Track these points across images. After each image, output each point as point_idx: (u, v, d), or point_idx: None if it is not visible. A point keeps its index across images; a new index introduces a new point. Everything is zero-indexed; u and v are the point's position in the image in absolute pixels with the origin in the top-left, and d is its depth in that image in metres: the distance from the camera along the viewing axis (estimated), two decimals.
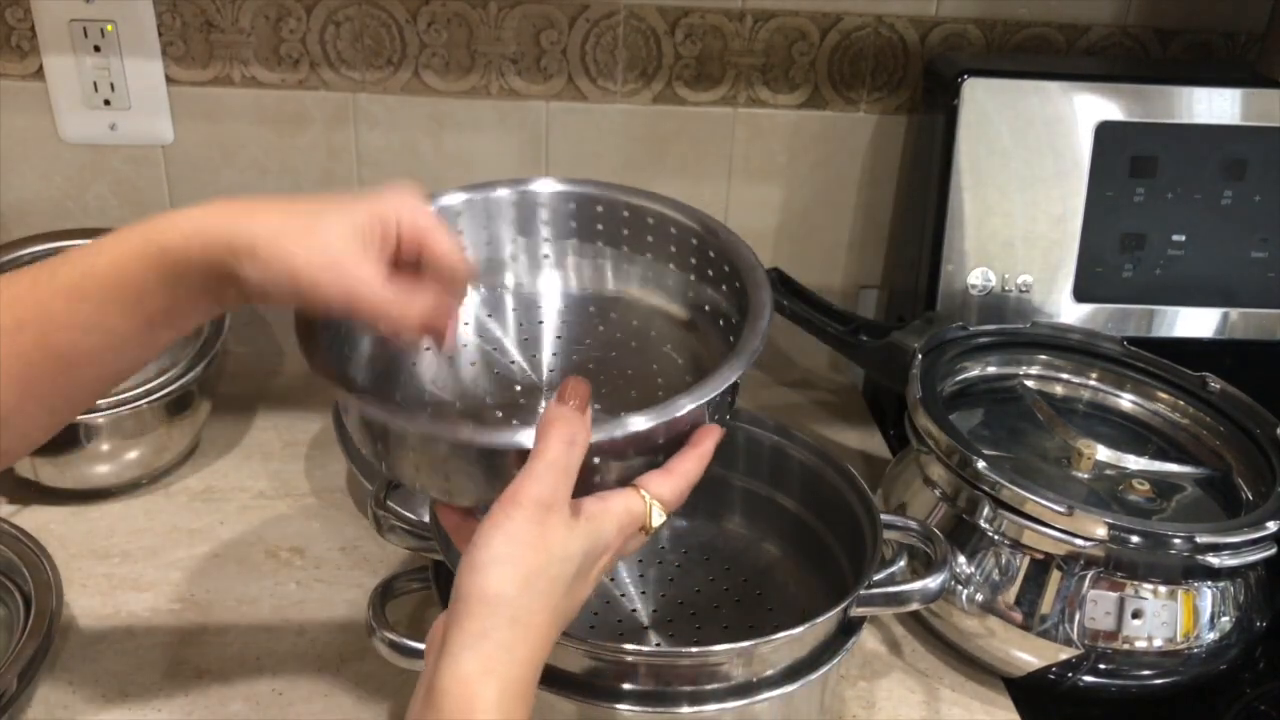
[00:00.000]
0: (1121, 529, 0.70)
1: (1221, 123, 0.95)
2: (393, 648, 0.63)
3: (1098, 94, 0.94)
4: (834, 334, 0.96)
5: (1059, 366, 0.90)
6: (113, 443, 0.88)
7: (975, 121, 0.94)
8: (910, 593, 0.66)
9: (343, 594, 0.82)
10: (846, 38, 1.03)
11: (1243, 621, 0.74)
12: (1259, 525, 0.71)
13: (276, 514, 0.90)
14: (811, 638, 0.64)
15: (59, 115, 1.00)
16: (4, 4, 0.96)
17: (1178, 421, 0.86)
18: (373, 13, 0.99)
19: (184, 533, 0.88)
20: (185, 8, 0.98)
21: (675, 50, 1.02)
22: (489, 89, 1.03)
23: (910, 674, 0.78)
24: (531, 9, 1.00)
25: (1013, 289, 0.97)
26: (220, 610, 0.80)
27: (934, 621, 0.79)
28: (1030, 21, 1.03)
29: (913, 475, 0.82)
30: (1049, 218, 0.96)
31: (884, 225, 1.11)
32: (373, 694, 0.74)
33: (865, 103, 1.06)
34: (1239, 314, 0.98)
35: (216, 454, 0.97)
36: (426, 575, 0.69)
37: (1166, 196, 0.96)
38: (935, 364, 0.85)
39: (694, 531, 0.82)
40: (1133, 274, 0.97)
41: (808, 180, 1.09)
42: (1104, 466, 0.80)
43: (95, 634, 0.78)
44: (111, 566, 0.84)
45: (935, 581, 0.66)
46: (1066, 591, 0.72)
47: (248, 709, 0.73)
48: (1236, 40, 1.05)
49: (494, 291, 0.72)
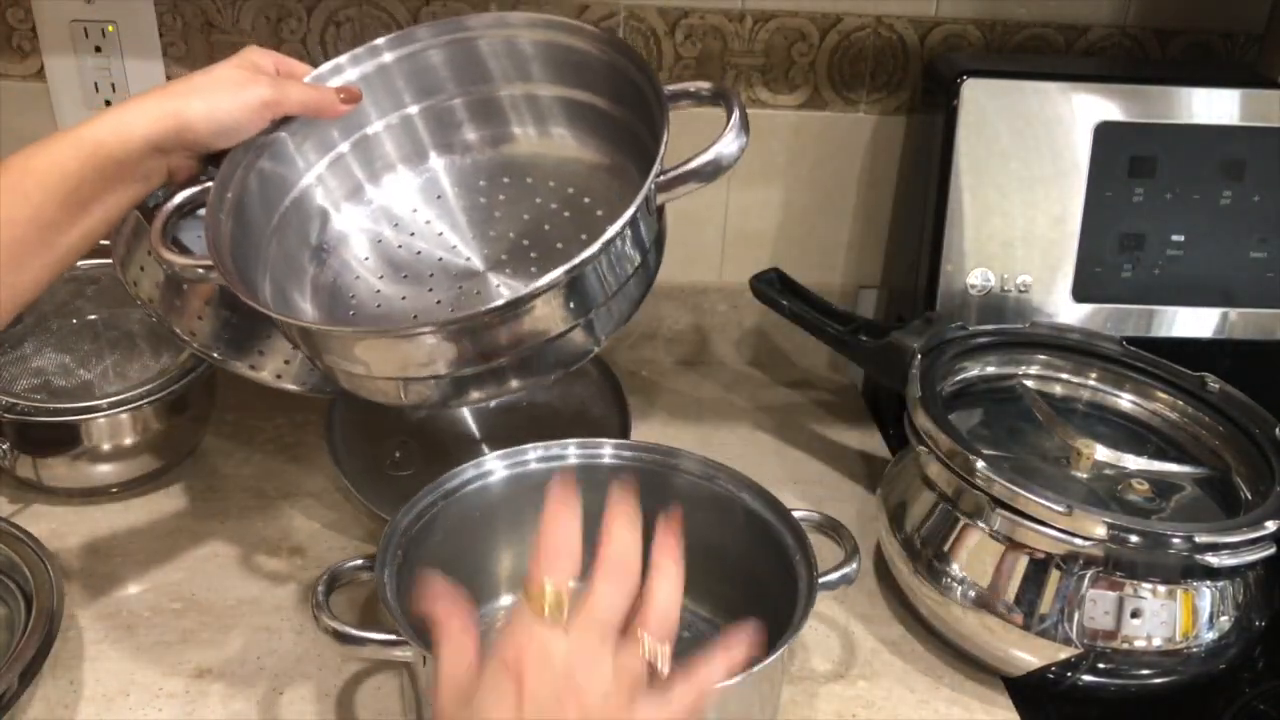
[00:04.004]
0: (1121, 529, 0.70)
1: (1220, 123, 0.95)
2: (336, 636, 0.65)
3: (1097, 94, 0.94)
4: (834, 334, 0.96)
5: (1058, 366, 0.90)
6: (113, 443, 0.88)
7: (975, 122, 0.94)
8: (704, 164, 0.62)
9: (343, 594, 0.82)
10: (846, 38, 1.03)
11: (1242, 621, 0.74)
12: (1258, 525, 0.71)
13: (276, 514, 0.90)
14: None
15: (60, 115, 1.00)
16: (5, 4, 0.97)
17: (1177, 421, 0.86)
18: (373, 14, 0.99)
19: (184, 533, 0.88)
20: (186, 8, 0.98)
21: (675, 51, 1.03)
22: None
23: (910, 674, 0.78)
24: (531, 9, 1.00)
25: (1012, 289, 0.97)
26: (220, 610, 0.80)
27: (934, 621, 0.79)
28: (1030, 22, 1.03)
29: (912, 475, 0.82)
30: (1048, 218, 0.96)
31: (883, 225, 1.11)
32: (373, 694, 0.74)
33: (865, 103, 1.06)
34: (1238, 314, 0.98)
35: (216, 454, 0.97)
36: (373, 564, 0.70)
37: (1165, 197, 0.96)
38: (935, 364, 0.85)
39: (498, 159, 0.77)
40: (1132, 274, 0.97)
41: (807, 180, 1.09)
42: (1103, 466, 0.80)
43: (95, 634, 0.78)
44: (111, 566, 0.84)
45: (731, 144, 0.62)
46: (1066, 591, 0.72)
47: (248, 709, 0.73)
48: (1236, 41, 1.05)
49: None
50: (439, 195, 0.75)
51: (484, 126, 0.76)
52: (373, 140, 0.75)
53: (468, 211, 0.74)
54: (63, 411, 0.86)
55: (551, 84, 0.74)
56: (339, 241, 0.74)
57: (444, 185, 0.76)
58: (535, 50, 0.73)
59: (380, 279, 0.71)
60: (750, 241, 1.11)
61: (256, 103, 0.65)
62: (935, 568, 0.77)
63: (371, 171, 0.76)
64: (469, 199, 0.75)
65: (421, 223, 0.74)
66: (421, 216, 0.74)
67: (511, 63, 0.74)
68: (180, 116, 0.63)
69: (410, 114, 0.76)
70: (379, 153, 0.76)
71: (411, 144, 0.76)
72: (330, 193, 0.74)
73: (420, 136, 0.77)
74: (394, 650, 0.64)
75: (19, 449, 0.86)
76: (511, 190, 0.74)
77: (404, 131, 0.76)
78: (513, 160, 0.76)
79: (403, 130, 0.76)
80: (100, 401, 0.86)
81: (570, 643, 0.47)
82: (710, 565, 0.73)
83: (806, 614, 0.67)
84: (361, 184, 0.76)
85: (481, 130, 0.76)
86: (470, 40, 0.74)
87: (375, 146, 0.76)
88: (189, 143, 0.64)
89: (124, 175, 0.62)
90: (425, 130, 0.76)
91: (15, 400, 0.86)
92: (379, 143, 0.76)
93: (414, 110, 0.76)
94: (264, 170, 0.69)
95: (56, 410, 0.86)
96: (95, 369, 0.95)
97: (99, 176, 0.61)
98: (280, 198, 0.71)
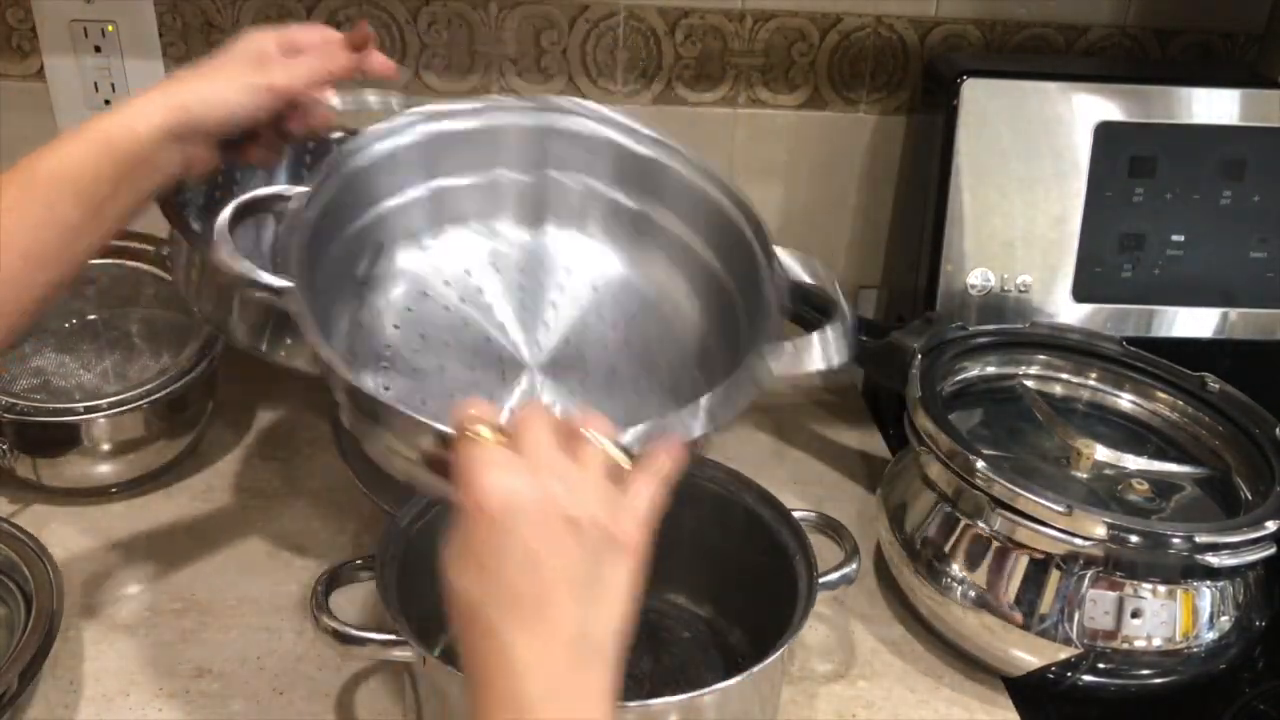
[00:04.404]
0: (1121, 529, 0.70)
1: (1220, 123, 0.95)
2: (336, 636, 0.64)
3: (1097, 94, 0.94)
4: None
5: (1058, 366, 0.90)
6: (113, 443, 0.88)
7: (975, 122, 0.94)
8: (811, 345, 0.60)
9: (343, 593, 0.82)
10: (846, 38, 1.03)
11: (1242, 621, 0.74)
12: (1258, 525, 0.71)
13: (276, 514, 0.90)
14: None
15: (60, 116, 1.00)
16: (5, 4, 0.97)
17: (1177, 421, 0.86)
18: (373, 13, 0.99)
19: (184, 533, 0.88)
20: (186, 8, 0.98)
21: (675, 51, 1.03)
22: (489, 89, 1.03)
23: (910, 674, 0.78)
24: (532, 10, 1.00)
25: (1012, 289, 0.97)
26: (220, 610, 0.80)
27: (934, 621, 0.79)
28: (1030, 22, 1.03)
29: (912, 475, 0.82)
30: (1048, 218, 0.96)
31: (884, 225, 1.11)
32: (373, 694, 0.74)
33: (865, 103, 1.06)
34: (1238, 314, 0.98)
35: (216, 454, 0.97)
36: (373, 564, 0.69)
37: (1165, 197, 0.96)
38: (935, 364, 0.85)
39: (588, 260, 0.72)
40: (1132, 274, 0.97)
41: (808, 180, 1.09)
42: (1103, 466, 0.80)
43: (95, 634, 0.78)
44: (111, 566, 0.84)
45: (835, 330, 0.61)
46: (1066, 591, 0.72)
47: (248, 709, 0.73)
48: (1236, 41, 1.05)
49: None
50: (498, 267, 0.70)
51: (575, 220, 0.71)
52: (453, 192, 0.70)
53: (524, 293, 0.69)
54: (63, 411, 0.86)
55: (674, 215, 0.70)
56: (386, 281, 0.68)
57: (509, 259, 0.70)
58: (673, 182, 0.69)
59: (421, 337, 0.66)
60: None
61: (261, 86, 0.65)
62: (935, 568, 0.77)
63: (439, 221, 0.70)
64: (529, 282, 0.70)
65: (473, 289, 0.69)
66: (475, 282, 0.69)
67: (643, 179, 0.70)
68: (187, 107, 0.63)
69: (504, 178, 0.70)
70: (455, 206, 0.70)
71: (491, 207, 0.71)
72: (391, 230, 0.69)
73: (504, 204, 0.71)
74: (394, 650, 0.64)
75: (19, 449, 0.86)
76: (575, 291, 0.70)
77: (489, 193, 0.71)
78: (586, 262, 0.71)
79: (488, 192, 0.71)
80: (100, 401, 0.86)
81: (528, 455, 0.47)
82: (710, 565, 0.73)
83: (806, 614, 0.66)
84: (425, 230, 0.70)
85: (570, 221, 0.71)
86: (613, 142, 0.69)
87: (453, 198, 0.70)
88: (198, 132, 0.64)
89: (138, 170, 0.62)
90: (513, 200, 0.71)
91: (15, 400, 0.86)
92: (459, 196, 0.70)
93: (510, 176, 0.70)
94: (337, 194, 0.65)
95: (56, 410, 0.86)
96: (95, 369, 0.95)
97: (114, 173, 0.61)
98: (345, 224, 0.67)
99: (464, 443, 0.48)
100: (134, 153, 0.61)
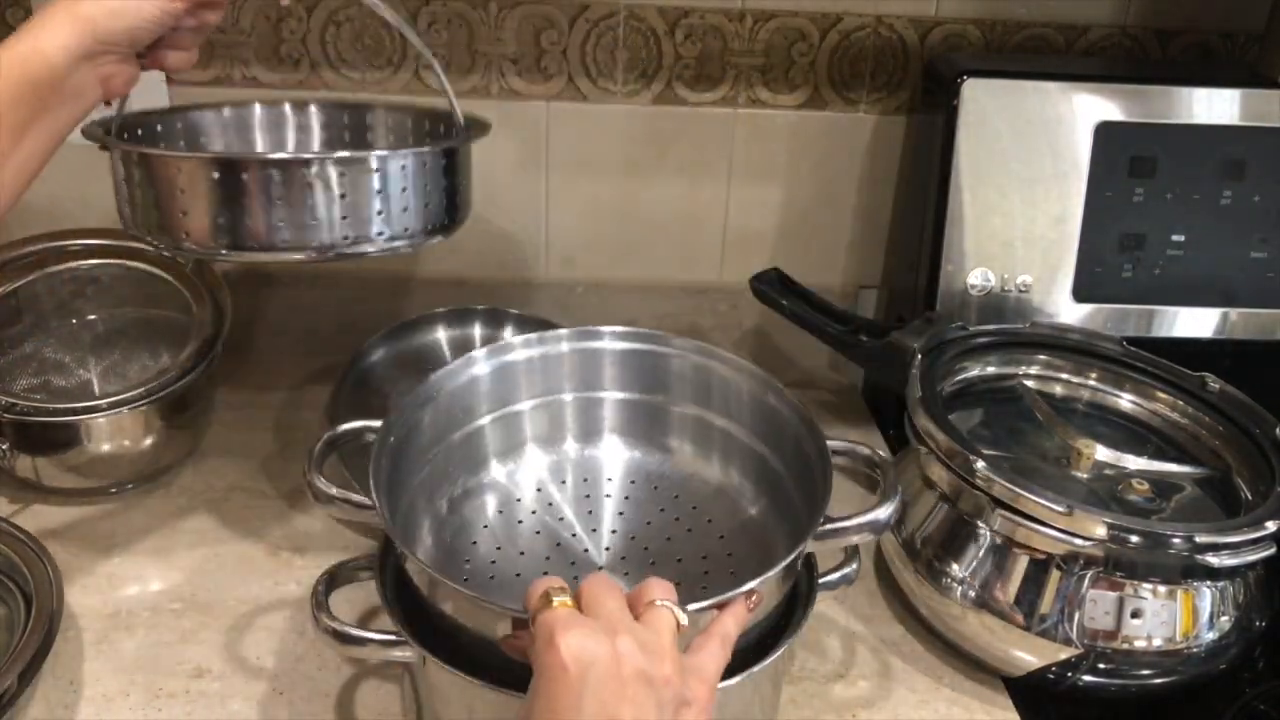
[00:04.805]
0: (1121, 529, 0.70)
1: (1220, 123, 0.95)
2: (336, 636, 0.65)
3: (1097, 94, 0.94)
4: (834, 334, 0.96)
5: (1058, 366, 0.90)
6: (113, 443, 0.88)
7: (975, 122, 0.94)
8: (860, 525, 0.64)
9: (343, 593, 0.82)
10: (846, 38, 1.03)
11: (1242, 621, 0.74)
12: (1258, 525, 0.71)
13: (276, 514, 0.90)
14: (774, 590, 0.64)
15: None
16: (4, 4, 0.97)
17: (1177, 421, 0.86)
18: (373, 14, 0.99)
19: (184, 533, 0.88)
20: None
21: (675, 50, 1.03)
22: (489, 89, 1.03)
23: (910, 674, 0.78)
24: (532, 9, 1.00)
25: (1012, 289, 0.97)
26: (220, 610, 0.80)
27: (934, 621, 0.79)
28: (1030, 22, 1.03)
29: (912, 475, 0.82)
30: (1048, 218, 0.96)
31: (883, 225, 1.11)
32: (373, 694, 0.74)
33: (865, 103, 1.06)
34: (1238, 314, 0.98)
35: (216, 454, 0.97)
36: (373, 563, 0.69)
37: (1165, 197, 0.96)
38: (935, 364, 0.85)
39: (641, 462, 0.81)
40: (1132, 274, 0.97)
41: (808, 180, 1.09)
42: (1103, 466, 0.80)
43: (95, 634, 0.78)
44: (111, 566, 0.84)
45: (885, 511, 0.64)
46: (1066, 591, 0.72)
47: (248, 709, 0.73)
48: (1236, 40, 1.05)
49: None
50: (563, 480, 0.79)
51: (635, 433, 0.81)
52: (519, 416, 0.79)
53: (592, 502, 0.77)
54: (63, 411, 0.86)
55: (726, 419, 0.78)
56: (471, 496, 0.77)
57: (573, 472, 0.80)
58: (722, 385, 0.78)
59: (498, 549, 0.74)
60: (750, 241, 1.11)
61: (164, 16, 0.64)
62: (935, 568, 0.77)
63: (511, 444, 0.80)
64: (594, 491, 0.78)
65: (545, 503, 0.77)
66: (545, 497, 0.78)
67: (695, 388, 0.79)
68: (93, 20, 0.62)
69: (564, 400, 0.80)
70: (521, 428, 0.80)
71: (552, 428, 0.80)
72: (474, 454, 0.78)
73: (564, 422, 0.81)
74: (394, 650, 0.64)
75: (19, 449, 0.86)
76: (639, 492, 0.79)
77: (549, 415, 0.80)
78: (643, 466, 0.80)
79: (548, 413, 0.80)
80: (100, 401, 0.86)
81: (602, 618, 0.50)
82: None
83: (806, 614, 0.66)
84: (500, 453, 0.79)
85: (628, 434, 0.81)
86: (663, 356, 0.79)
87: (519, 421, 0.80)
88: (107, 44, 0.63)
89: (55, 93, 0.62)
90: (571, 417, 0.81)
91: (15, 400, 0.86)
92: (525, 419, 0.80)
93: (569, 398, 0.80)
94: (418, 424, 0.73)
95: (56, 410, 0.86)
96: (95, 369, 0.95)
97: (33, 97, 0.61)
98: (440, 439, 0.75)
99: (541, 609, 0.50)
100: (47, 80, 0.61)
